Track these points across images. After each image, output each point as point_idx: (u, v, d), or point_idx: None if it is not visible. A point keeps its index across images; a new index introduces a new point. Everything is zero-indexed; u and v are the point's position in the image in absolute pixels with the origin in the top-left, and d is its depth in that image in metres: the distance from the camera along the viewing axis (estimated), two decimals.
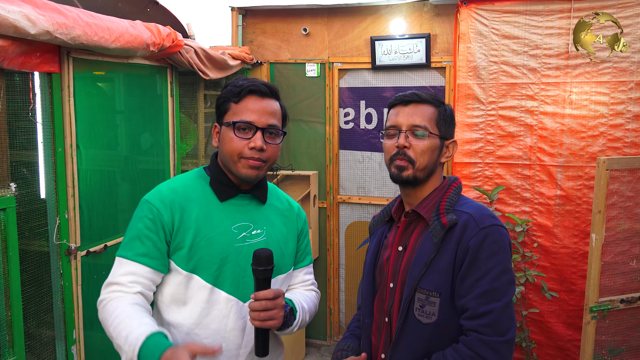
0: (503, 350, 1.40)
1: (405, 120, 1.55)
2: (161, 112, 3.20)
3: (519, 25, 3.48)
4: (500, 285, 1.43)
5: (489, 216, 1.49)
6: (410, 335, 1.50)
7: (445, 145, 1.60)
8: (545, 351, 3.60)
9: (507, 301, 1.43)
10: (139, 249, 1.53)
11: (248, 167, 1.57)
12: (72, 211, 2.49)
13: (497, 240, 1.45)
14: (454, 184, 1.60)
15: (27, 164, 2.44)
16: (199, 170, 1.69)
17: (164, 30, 2.89)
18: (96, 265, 2.67)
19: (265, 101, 1.60)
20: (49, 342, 2.52)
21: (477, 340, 1.40)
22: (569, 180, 3.45)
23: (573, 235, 3.46)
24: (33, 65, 2.26)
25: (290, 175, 4.22)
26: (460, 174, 3.63)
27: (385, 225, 1.71)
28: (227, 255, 1.57)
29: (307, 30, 4.13)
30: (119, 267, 1.54)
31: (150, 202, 1.57)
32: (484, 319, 1.40)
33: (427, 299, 1.47)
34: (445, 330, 1.47)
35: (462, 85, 3.60)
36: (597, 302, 2.87)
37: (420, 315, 1.48)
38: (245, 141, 1.56)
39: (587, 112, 3.41)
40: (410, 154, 1.53)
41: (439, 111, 1.57)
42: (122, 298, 1.50)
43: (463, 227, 1.46)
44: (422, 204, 1.56)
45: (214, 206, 1.60)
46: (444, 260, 1.46)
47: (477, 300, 1.42)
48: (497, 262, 1.43)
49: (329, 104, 4.16)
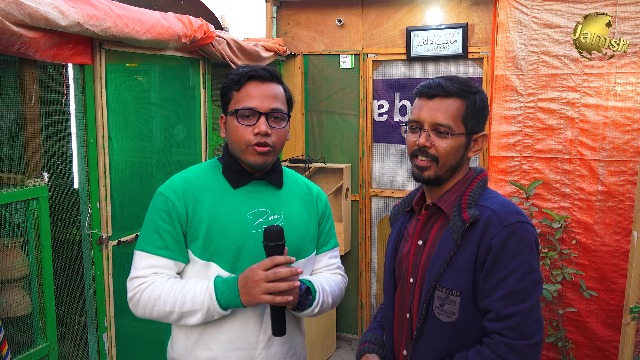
0: (530, 354, 1.33)
1: (428, 117, 1.44)
2: (193, 103, 3.21)
3: (561, 14, 3.34)
4: (526, 286, 1.35)
5: (514, 212, 1.40)
6: (431, 334, 1.44)
7: (474, 139, 1.48)
8: (583, 352, 3.47)
9: (533, 302, 1.35)
10: (157, 242, 1.54)
11: (256, 154, 1.54)
12: (103, 201, 2.53)
13: (523, 239, 1.36)
14: (478, 177, 1.50)
15: (60, 155, 2.48)
16: (212, 161, 1.68)
17: (196, 21, 2.89)
18: (127, 255, 2.70)
19: (266, 85, 1.56)
20: (81, 329, 2.57)
21: (501, 344, 1.33)
22: (612, 176, 3.30)
23: (615, 232, 3.31)
24: (65, 57, 2.28)
25: (323, 168, 4.18)
26: (497, 167, 3.52)
27: (405, 215, 1.63)
28: (243, 242, 1.56)
29: (342, 21, 4.07)
30: (139, 261, 1.56)
31: (164, 194, 1.58)
32: (509, 322, 1.33)
33: (447, 297, 1.40)
34: (467, 330, 1.40)
35: (500, 76, 3.48)
36: (637, 302, 2.73)
37: (440, 314, 1.42)
38: (250, 128, 1.53)
39: (632, 104, 3.24)
40: (432, 152, 1.44)
41: (467, 104, 1.44)
42: (155, 282, 1.53)
43: (485, 224, 1.38)
44: (443, 197, 1.48)
45: (227, 194, 1.59)
46: (464, 258, 1.38)
47: (501, 302, 1.34)
48: (523, 262, 1.35)
49: (362, 96, 4.10)
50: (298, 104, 4.27)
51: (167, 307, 1.50)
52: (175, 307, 1.50)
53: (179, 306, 1.49)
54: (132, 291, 1.56)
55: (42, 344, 2.25)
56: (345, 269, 4.31)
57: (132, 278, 1.57)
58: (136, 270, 1.56)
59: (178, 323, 1.55)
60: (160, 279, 1.54)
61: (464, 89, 1.45)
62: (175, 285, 1.52)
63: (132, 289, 1.56)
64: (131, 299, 1.56)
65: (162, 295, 1.51)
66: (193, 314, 1.50)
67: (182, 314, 1.50)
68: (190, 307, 1.49)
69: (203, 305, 1.48)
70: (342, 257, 4.27)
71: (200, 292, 1.49)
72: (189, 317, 1.51)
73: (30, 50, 2.06)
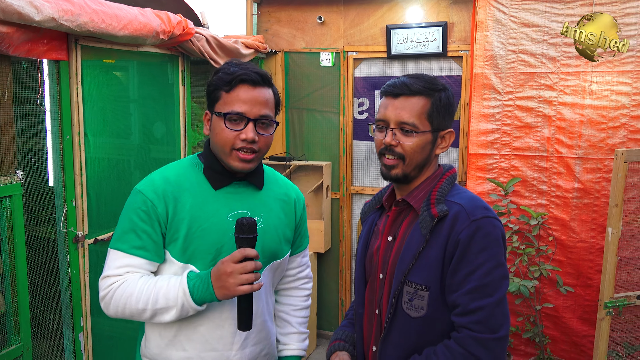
0: (495, 348, 1.34)
1: (394, 115, 1.45)
2: (172, 101, 3.18)
3: (539, 13, 3.37)
4: (492, 281, 1.36)
5: (481, 207, 1.41)
6: (400, 329, 1.45)
7: (440, 136, 1.49)
8: (560, 347, 3.51)
9: (499, 297, 1.36)
10: (134, 242, 1.50)
11: (239, 160, 1.52)
12: (79, 199, 2.49)
13: (489, 233, 1.37)
14: (447, 173, 1.51)
15: (35, 152, 2.44)
16: (192, 158, 1.64)
17: (175, 18, 2.86)
18: (104, 253, 2.64)
19: (257, 90, 1.52)
20: (57, 329, 2.53)
21: (468, 338, 1.34)
22: (588, 173, 3.34)
23: (591, 229, 3.35)
24: (40, 53, 2.24)
25: (303, 166, 4.17)
26: (476, 165, 3.55)
27: (376, 212, 1.64)
28: (222, 245, 1.54)
29: (322, 18, 4.06)
30: (114, 260, 1.52)
31: (143, 193, 1.53)
32: (475, 316, 1.34)
33: (415, 292, 1.41)
34: (435, 324, 1.41)
35: (478, 74, 3.50)
36: (612, 297, 2.77)
37: (409, 309, 1.42)
38: (236, 132, 1.50)
39: (607, 103, 3.29)
40: (399, 150, 1.44)
41: (432, 102, 1.45)
42: (127, 280, 1.50)
43: (453, 219, 1.39)
44: (412, 193, 1.49)
45: (208, 195, 1.56)
46: (433, 253, 1.39)
47: (468, 296, 1.35)
48: (489, 256, 1.36)
49: (343, 94, 4.09)
50: None
51: (140, 305, 1.47)
52: (148, 304, 1.46)
53: (152, 303, 1.46)
54: (104, 290, 1.51)
55: (16, 344, 2.21)
56: (325, 266, 4.34)
57: (105, 277, 1.52)
58: (109, 269, 1.52)
59: (152, 321, 1.51)
60: (132, 276, 1.50)
61: (428, 86, 1.46)
62: (148, 282, 1.49)
63: (104, 288, 1.51)
64: (103, 298, 1.52)
65: (135, 293, 1.47)
66: (167, 310, 1.47)
67: (155, 311, 1.47)
68: (164, 303, 1.46)
69: (177, 301, 1.46)
70: (322, 254, 4.26)
71: (173, 287, 1.46)
72: (163, 314, 1.48)
73: (3, 45, 2.02)
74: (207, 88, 1.57)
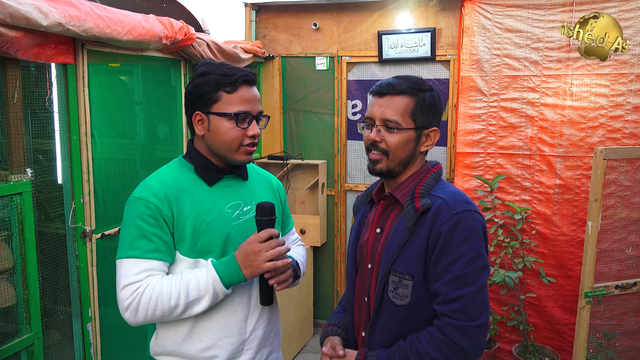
0: (474, 335, 1.34)
1: (379, 113, 1.46)
2: (175, 103, 3.15)
3: (522, 19, 3.36)
4: (472, 271, 1.35)
5: (462, 202, 1.41)
6: (386, 316, 1.45)
7: (425, 134, 1.48)
8: (542, 334, 3.51)
9: (479, 286, 1.36)
10: (147, 246, 1.45)
11: (245, 154, 1.55)
12: (87, 196, 2.47)
13: (470, 226, 1.37)
14: (433, 169, 1.51)
15: (44, 151, 2.41)
16: (179, 161, 1.61)
17: (177, 23, 2.84)
18: (111, 248, 2.64)
19: (254, 89, 1.55)
20: (66, 320, 2.51)
21: (449, 325, 1.34)
22: (568, 170, 3.34)
23: (571, 223, 3.35)
24: (48, 57, 2.22)
25: (300, 164, 4.16)
26: (463, 163, 3.54)
27: (367, 205, 1.65)
28: (227, 234, 1.54)
29: (317, 25, 4.05)
30: (130, 268, 1.45)
31: (144, 199, 1.48)
32: (456, 304, 1.34)
33: (400, 281, 1.41)
34: (419, 311, 1.42)
35: (465, 77, 3.49)
36: (592, 287, 2.77)
37: (394, 297, 1.42)
38: (243, 130, 1.51)
39: (587, 104, 3.28)
40: (382, 146, 1.46)
41: (416, 101, 1.45)
42: (150, 283, 1.44)
43: (436, 212, 1.39)
44: (399, 188, 1.50)
45: (204, 192, 1.55)
46: (416, 244, 1.40)
47: (448, 286, 1.35)
48: (470, 248, 1.36)
49: (337, 96, 4.08)
50: (276, 104, 4.23)
51: (172, 301, 1.43)
52: (180, 299, 1.43)
53: (184, 297, 1.43)
54: (127, 299, 1.43)
55: (27, 334, 2.19)
56: (321, 259, 4.33)
57: (125, 286, 1.44)
58: (127, 278, 1.44)
59: (182, 316, 1.46)
60: (154, 279, 1.45)
61: (413, 86, 1.46)
62: (173, 279, 1.45)
63: (127, 297, 1.43)
64: (128, 307, 1.43)
65: (164, 291, 1.42)
66: (199, 301, 1.44)
67: (187, 304, 1.44)
68: (196, 294, 1.44)
69: (208, 288, 1.44)
70: (318, 248, 4.25)
71: (202, 277, 1.44)
72: (194, 306, 1.45)
73: (12, 49, 2.00)
74: (197, 89, 1.51)
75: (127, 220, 1.48)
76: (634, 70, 3.17)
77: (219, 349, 1.55)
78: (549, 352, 3.44)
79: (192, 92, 1.52)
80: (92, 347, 2.55)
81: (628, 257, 2.94)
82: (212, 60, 1.60)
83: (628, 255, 2.94)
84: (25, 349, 2.18)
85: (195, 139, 1.59)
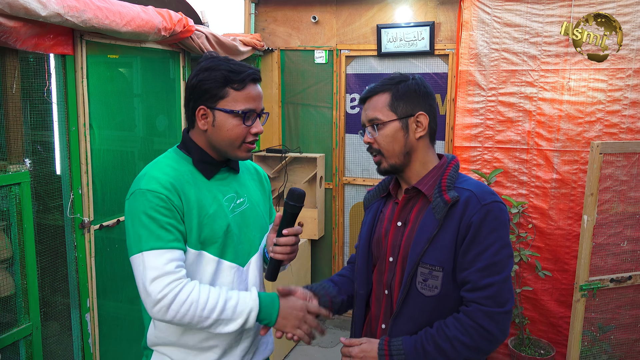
0: (502, 320, 1.38)
1: (364, 117, 1.53)
2: (174, 95, 3.15)
3: (521, 14, 3.36)
4: (500, 259, 1.40)
5: (489, 193, 1.45)
6: (413, 307, 1.47)
7: (413, 121, 1.50)
8: (538, 327, 3.53)
9: (506, 274, 1.40)
10: (167, 236, 1.42)
11: (246, 151, 1.55)
12: (85, 187, 2.47)
13: (498, 217, 1.41)
14: (452, 162, 1.54)
15: (43, 142, 2.41)
16: (175, 151, 1.59)
17: (175, 15, 2.83)
18: (109, 239, 2.65)
19: (259, 87, 1.55)
20: (65, 310, 2.51)
21: (478, 311, 1.38)
22: (565, 165, 3.35)
23: (567, 217, 3.36)
24: (46, 47, 2.21)
25: (298, 158, 4.16)
26: (460, 157, 3.54)
27: (380, 200, 1.66)
28: (227, 227, 1.54)
29: (317, 18, 4.04)
30: (154, 260, 1.39)
31: (153, 190, 1.44)
32: (485, 291, 1.38)
33: (430, 273, 1.44)
34: (447, 302, 1.45)
35: (463, 72, 3.49)
36: (587, 281, 2.78)
37: (423, 289, 1.45)
38: (247, 127, 1.51)
39: (584, 99, 3.28)
40: (376, 147, 1.51)
41: (391, 94, 1.49)
42: (189, 283, 1.42)
43: (465, 204, 1.42)
44: (422, 181, 1.51)
45: (203, 185, 1.55)
46: (446, 236, 1.42)
47: (478, 274, 1.39)
48: (498, 237, 1.40)
49: (336, 90, 4.08)
50: (275, 97, 4.23)
51: (205, 312, 1.40)
52: (214, 312, 1.41)
53: (219, 312, 1.42)
54: (160, 292, 1.37)
55: (26, 324, 2.19)
56: (319, 252, 4.34)
57: (155, 278, 1.38)
58: (155, 270, 1.38)
59: (206, 329, 1.44)
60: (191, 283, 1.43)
61: (387, 82, 1.51)
62: (213, 291, 1.44)
63: (160, 290, 1.37)
64: (160, 300, 1.37)
65: (201, 299, 1.40)
66: (230, 322, 1.43)
67: (219, 320, 1.42)
68: (231, 314, 1.43)
69: (244, 313, 1.44)
70: (316, 241, 4.26)
71: (243, 301, 1.46)
72: (224, 325, 1.43)
73: (10, 39, 1.99)
74: (203, 84, 1.48)
75: (137, 214, 1.43)
76: (631, 66, 3.17)
77: (218, 339, 1.55)
78: (544, 345, 3.46)
79: (197, 86, 1.49)
80: (91, 338, 2.56)
81: (623, 251, 2.95)
82: (216, 54, 1.57)
83: (623, 249, 2.95)
84: (23, 338, 2.19)
85: (194, 132, 1.56)
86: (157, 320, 1.44)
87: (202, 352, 1.54)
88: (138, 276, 1.41)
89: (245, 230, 1.60)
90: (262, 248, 1.71)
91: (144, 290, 1.39)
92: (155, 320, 1.46)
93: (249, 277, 1.61)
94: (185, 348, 1.55)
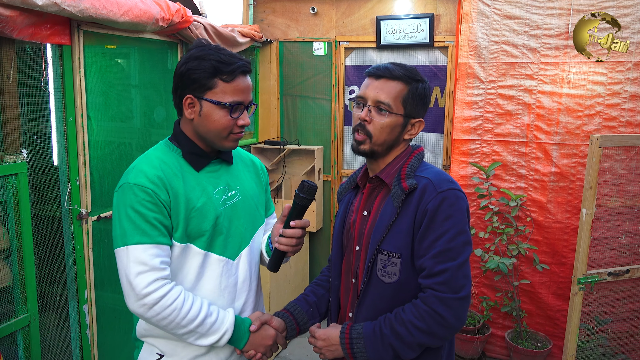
0: (456, 306, 1.39)
1: (372, 94, 1.48)
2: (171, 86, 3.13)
3: (521, 6, 3.35)
4: (455, 246, 1.41)
5: (447, 181, 1.46)
6: (374, 294, 1.50)
7: (411, 123, 1.52)
8: (535, 320, 3.55)
9: (462, 260, 1.41)
10: (152, 231, 1.42)
11: (233, 141, 1.54)
12: (82, 178, 2.46)
13: (454, 204, 1.42)
14: (415, 152, 1.56)
15: (40, 133, 2.40)
16: (165, 144, 1.57)
17: (173, 6, 2.82)
18: (107, 230, 2.65)
19: (248, 79, 1.53)
20: (63, 301, 2.51)
21: (432, 297, 1.40)
22: (564, 158, 3.35)
23: (566, 210, 3.37)
24: (43, 37, 2.20)
25: (297, 150, 4.16)
26: (459, 150, 3.54)
27: (352, 192, 1.68)
28: (215, 220, 1.53)
29: (315, 9, 4.02)
30: (139, 255, 1.40)
31: (140, 184, 1.43)
32: (439, 277, 1.40)
33: (388, 259, 1.46)
34: (406, 288, 1.47)
35: (463, 64, 3.48)
36: (585, 274, 2.80)
37: (383, 275, 1.47)
38: (234, 119, 1.49)
39: (584, 92, 3.28)
40: (369, 128, 1.49)
41: (409, 89, 1.49)
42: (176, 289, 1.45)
43: (422, 191, 1.44)
44: (384, 170, 1.54)
45: (193, 177, 1.53)
46: (404, 223, 1.44)
47: (433, 260, 1.41)
48: (454, 224, 1.41)
49: (334, 82, 4.07)
50: (273, 89, 4.22)
51: (185, 321, 1.44)
52: (192, 323, 1.45)
53: (197, 324, 1.46)
54: (146, 288, 1.39)
55: (23, 315, 2.20)
56: (317, 244, 4.34)
57: (141, 273, 1.39)
58: (141, 264, 1.39)
59: (180, 337, 1.48)
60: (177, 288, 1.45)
61: (408, 74, 1.50)
62: (197, 302, 1.48)
63: (145, 286, 1.39)
64: (145, 296, 1.39)
65: (184, 307, 1.44)
66: (205, 336, 1.48)
67: (194, 332, 1.46)
68: (208, 329, 1.48)
69: (220, 331, 1.50)
70: (314, 233, 4.26)
71: (221, 320, 1.51)
72: (199, 338, 1.48)
73: (7, 29, 1.98)
74: (191, 73, 1.46)
75: (123, 207, 1.43)
76: (631, 59, 3.17)
77: None
78: (541, 338, 3.48)
79: (186, 75, 1.46)
80: (88, 329, 2.56)
81: (621, 245, 2.97)
82: (207, 42, 1.56)
83: (621, 242, 2.96)
84: (21, 329, 2.19)
85: (182, 121, 1.55)
86: (135, 314, 1.46)
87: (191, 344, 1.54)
88: (121, 269, 1.42)
89: (237, 223, 1.59)
90: (261, 240, 1.71)
91: (127, 283, 1.41)
92: (133, 313, 1.46)
93: (239, 271, 1.60)
94: (174, 340, 1.55)
